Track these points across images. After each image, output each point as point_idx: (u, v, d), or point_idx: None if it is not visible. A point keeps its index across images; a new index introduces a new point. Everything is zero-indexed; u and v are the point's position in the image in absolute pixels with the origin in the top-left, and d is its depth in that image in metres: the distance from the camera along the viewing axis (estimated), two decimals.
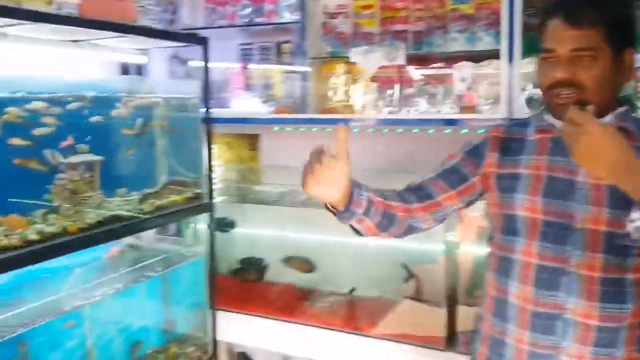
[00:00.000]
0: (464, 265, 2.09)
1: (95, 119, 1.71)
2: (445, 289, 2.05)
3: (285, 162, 2.68)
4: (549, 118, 1.30)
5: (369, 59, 2.26)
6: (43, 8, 1.50)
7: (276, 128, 2.52)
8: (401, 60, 2.19)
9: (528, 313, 1.28)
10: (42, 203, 1.54)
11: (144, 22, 1.96)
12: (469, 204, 1.42)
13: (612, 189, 1.10)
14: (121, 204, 1.80)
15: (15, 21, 1.48)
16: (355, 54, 2.26)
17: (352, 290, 2.33)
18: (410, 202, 1.37)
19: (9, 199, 1.44)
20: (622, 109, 1.27)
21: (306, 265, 2.36)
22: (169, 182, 2.03)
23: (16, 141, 1.46)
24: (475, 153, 1.40)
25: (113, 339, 1.91)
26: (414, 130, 2.25)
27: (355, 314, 2.27)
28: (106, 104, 1.77)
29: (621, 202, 1.07)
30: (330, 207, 1.28)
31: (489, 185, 1.36)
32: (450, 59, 2.14)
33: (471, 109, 2.01)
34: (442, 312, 2.04)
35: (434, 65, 2.22)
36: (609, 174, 1.06)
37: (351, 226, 1.34)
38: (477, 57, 2.10)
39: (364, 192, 1.28)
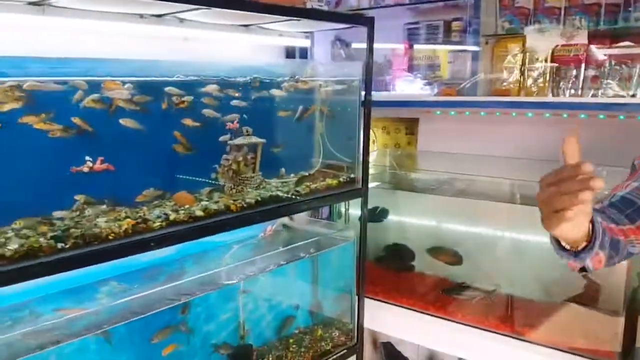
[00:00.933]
0: None
1: (258, 102, 1.75)
2: (623, 294, 1.77)
3: (443, 148, 2.54)
4: None
5: (542, 38, 2.02)
6: None
7: (439, 112, 2.37)
8: (582, 39, 1.90)
9: None
10: (208, 181, 1.62)
11: (311, 5, 1.95)
12: None
13: None
14: (279, 186, 1.83)
15: (190, 6, 1.54)
16: (530, 32, 2.02)
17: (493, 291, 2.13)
18: (622, 225, 1.14)
19: (178, 177, 1.52)
20: None
21: (452, 258, 2.21)
22: (325, 166, 2.02)
23: (188, 122, 1.53)
24: None
25: (264, 315, 1.97)
26: (600, 116, 1.96)
27: (511, 315, 2.09)
28: (270, 88, 1.79)
29: None
30: (568, 246, 1.02)
31: None
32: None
33: None
34: (619, 322, 1.77)
35: (624, 43, 1.89)
36: None
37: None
38: None
39: (597, 217, 1.04)
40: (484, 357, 2.07)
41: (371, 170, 2.64)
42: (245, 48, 2.08)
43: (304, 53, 2.37)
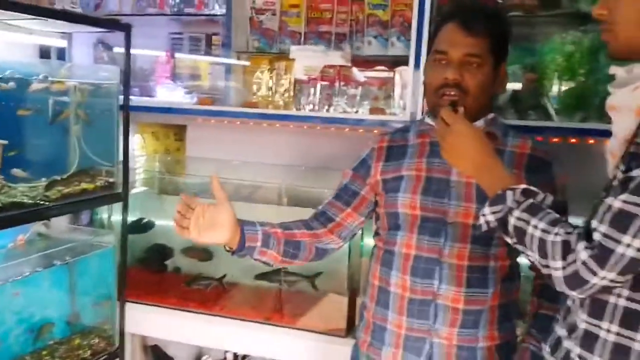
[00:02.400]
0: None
1: (3, 101, 1.66)
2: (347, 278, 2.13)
3: (210, 154, 2.68)
4: (430, 120, 1.42)
5: (308, 57, 2.29)
6: None
7: (200, 120, 2.50)
8: (343, 61, 2.22)
9: (405, 300, 1.40)
10: None
11: (63, 5, 1.91)
12: (369, 213, 1.53)
13: (480, 187, 1.19)
14: (26, 190, 1.75)
15: None
16: (295, 51, 2.28)
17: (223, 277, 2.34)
18: (316, 229, 1.48)
19: None
20: (491, 115, 1.41)
21: (203, 254, 2.37)
22: (80, 170, 1.98)
23: None
24: (361, 167, 1.51)
25: (12, 327, 1.86)
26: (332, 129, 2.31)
27: (259, 303, 2.28)
28: (18, 86, 1.71)
29: (487, 198, 1.16)
30: (226, 247, 1.35)
31: (378, 192, 1.47)
32: (366, 63, 2.21)
33: (381, 110, 2.08)
34: (344, 302, 2.12)
35: (379, 67, 2.25)
36: (470, 170, 1.18)
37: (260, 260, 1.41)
38: (391, 62, 2.18)
39: (258, 227, 1.37)
40: (242, 345, 2.25)
41: (140, 176, 2.66)
42: None
43: (62, 54, 2.29)
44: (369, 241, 2.04)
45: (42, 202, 1.77)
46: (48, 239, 2.10)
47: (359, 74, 2.21)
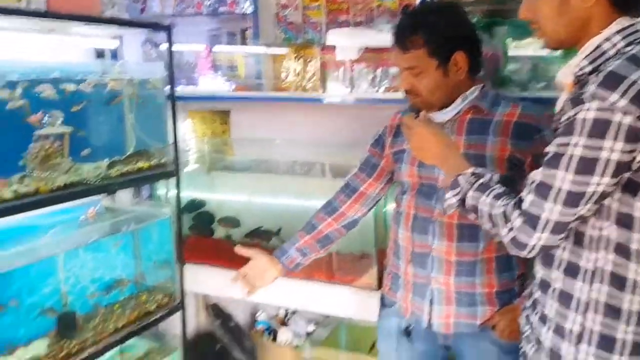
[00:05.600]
0: None
1: (66, 96, 2.00)
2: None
3: (253, 135, 2.98)
4: None
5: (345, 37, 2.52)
6: (12, 5, 1.79)
7: (240, 105, 2.80)
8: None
9: (409, 252, 1.65)
10: (18, 169, 1.85)
11: (112, 12, 2.25)
12: (388, 181, 1.81)
13: (464, 155, 1.38)
14: (90, 170, 2.11)
15: None
16: (332, 35, 2.51)
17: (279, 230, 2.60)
18: (339, 207, 1.80)
19: None
20: (472, 90, 1.56)
21: (232, 224, 2.72)
22: (137, 152, 2.31)
23: None
24: (378, 142, 1.79)
25: (87, 285, 2.23)
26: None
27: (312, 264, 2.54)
28: (77, 83, 2.05)
29: None
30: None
31: (391, 162, 1.74)
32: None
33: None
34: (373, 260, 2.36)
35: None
36: (433, 161, 1.39)
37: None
38: None
39: (291, 250, 1.81)
40: (291, 301, 2.54)
41: (191, 156, 3.01)
42: (55, 48, 2.31)
43: (115, 53, 2.66)
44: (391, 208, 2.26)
45: (105, 179, 2.13)
46: (114, 211, 2.47)
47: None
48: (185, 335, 2.58)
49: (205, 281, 2.65)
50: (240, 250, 1.81)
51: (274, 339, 2.93)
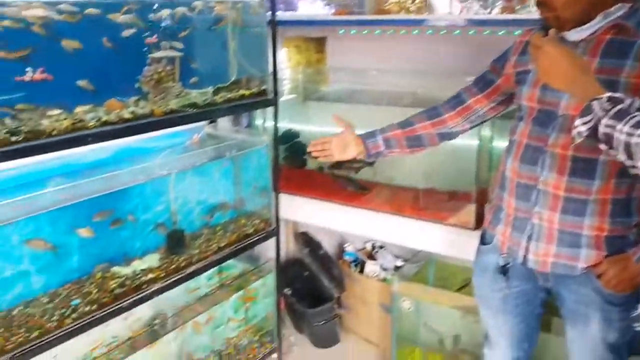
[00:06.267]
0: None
1: (172, 21, 2.02)
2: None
3: (349, 64, 2.91)
4: None
5: None
6: None
7: (342, 31, 2.72)
8: None
9: (514, 183, 1.55)
10: (134, 91, 1.91)
11: None
12: (501, 103, 1.70)
13: None
14: (198, 95, 2.15)
15: None
16: None
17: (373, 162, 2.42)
18: (441, 115, 1.74)
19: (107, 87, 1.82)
20: (619, 7, 1.36)
21: None
22: (239, 79, 2.33)
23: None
24: (500, 59, 1.66)
25: (193, 207, 2.34)
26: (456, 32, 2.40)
27: (406, 200, 2.53)
28: (187, 5, 2.05)
29: None
30: (364, 158, 1.85)
31: (511, 83, 1.61)
32: None
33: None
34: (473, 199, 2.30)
35: None
36: (563, 86, 1.26)
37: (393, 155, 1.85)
38: None
39: (377, 136, 1.81)
40: (380, 234, 2.56)
41: (287, 85, 3.00)
42: None
43: None
44: (499, 144, 2.17)
45: (211, 105, 2.17)
46: (216, 138, 2.53)
47: None
48: (279, 259, 2.67)
49: (297, 211, 2.71)
50: (335, 118, 1.88)
51: (361, 271, 2.99)
